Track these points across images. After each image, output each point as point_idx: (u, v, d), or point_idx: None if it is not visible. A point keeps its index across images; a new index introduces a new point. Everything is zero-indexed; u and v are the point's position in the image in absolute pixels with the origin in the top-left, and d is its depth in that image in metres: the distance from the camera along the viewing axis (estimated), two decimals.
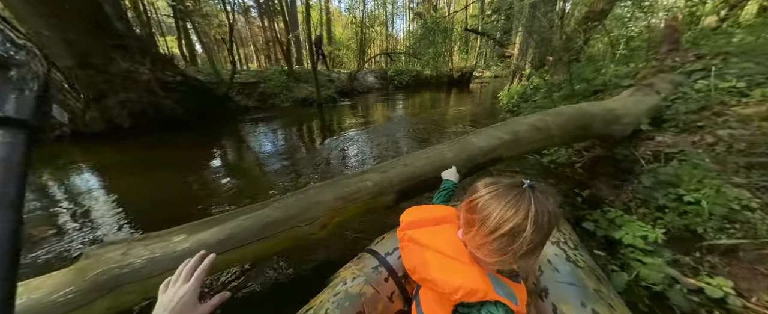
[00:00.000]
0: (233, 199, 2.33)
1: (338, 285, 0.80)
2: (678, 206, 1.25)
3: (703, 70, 2.06)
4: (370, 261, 0.86)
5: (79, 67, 4.00)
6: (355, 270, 0.85)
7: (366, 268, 0.84)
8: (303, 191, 1.12)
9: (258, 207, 1.03)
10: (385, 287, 0.79)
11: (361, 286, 0.78)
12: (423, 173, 1.28)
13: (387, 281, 0.80)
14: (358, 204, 1.15)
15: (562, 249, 0.88)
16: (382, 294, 0.77)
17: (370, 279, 0.80)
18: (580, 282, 0.77)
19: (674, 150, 1.58)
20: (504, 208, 0.44)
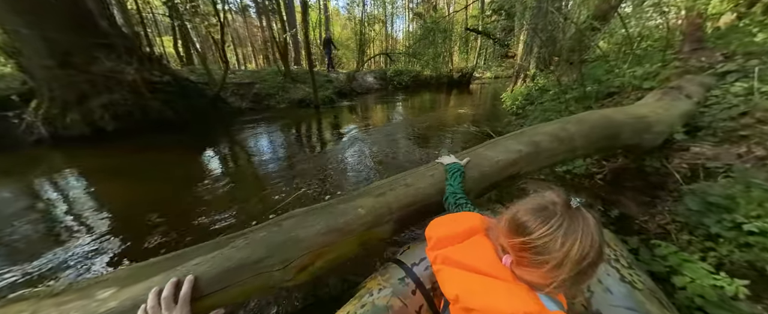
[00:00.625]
0: (221, 206, 2.12)
1: (365, 296, 0.78)
2: (737, 237, 1.03)
3: (738, 72, 1.84)
4: (396, 271, 0.83)
5: (59, 67, 3.77)
6: (381, 280, 0.82)
7: (392, 279, 0.81)
8: (278, 222, 0.89)
9: (217, 246, 0.80)
10: (412, 300, 0.76)
11: (388, 298, 0.75)
12: (427, 196, 1.05)
13: (415, 294, 0.77)
14: (349, 239, 0.91)
15: (615, 267, 0.78)
16: (410, 308, 0.74)
17: (397, 292, 0.77)
18: (640, 307, 0.67)
19: (717, 165, 1.36)
20: (583, 244, 0.39)
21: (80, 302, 0.67)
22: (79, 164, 3.22)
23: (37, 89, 4.01)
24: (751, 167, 1.29)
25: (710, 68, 2.11)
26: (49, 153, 3.65)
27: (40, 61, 3.77)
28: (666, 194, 1.49)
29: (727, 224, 1.06)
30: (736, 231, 1.04)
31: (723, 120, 1.58)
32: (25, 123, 3.95)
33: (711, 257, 1.08)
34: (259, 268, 0.77)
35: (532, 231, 0.42)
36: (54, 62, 3.77)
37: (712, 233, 1.09)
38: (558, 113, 3.24)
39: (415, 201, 1.04)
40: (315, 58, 16.16)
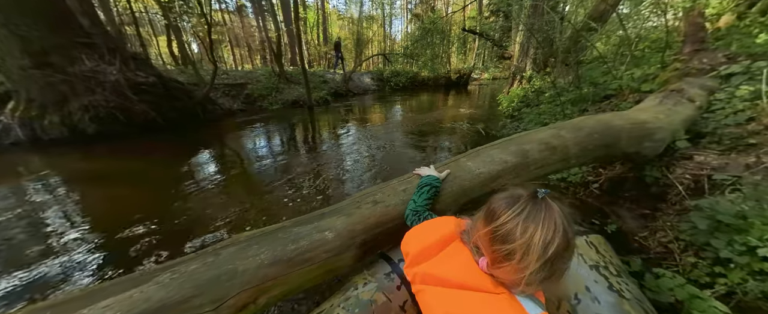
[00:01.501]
0: (201, 212, 1.99)
1: (349, 290, 0.78)
2: (750, 263, 0.91)
3: (744, 74, 1.72)
4: (382, 266, 0.83)
5: (35, 67, 3.62)
6: (367, 275, 0.81)
7: (378, 274, 0.81)
8: (216, 251, 0.75)
9: (138, 281, 0.67)
10: (397, 295, 0.76)
11: (372, 293, 0.75)
12: (399, 214, 0.92)
13: (399, 289, 0.76)
14: (310, 267, 0.78)
15: (603, 274, 0.76)
16: (394, 303, 0.74)
17: (382, 286, 0.77)
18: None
19: (724, 176, 1.24)
20: (543, 230, 0.40)
21: None
22: (55, 167, 3.07)
23: (14, 89, 3.86)
24: (761, 179, 1.16)
25: (712, 70, 2.00)
26: (25, 156, 3.49)
27: (15, 61, 3.62)
28: (668, 207, 1.37)
29: (738, 247, 0.94)
30: (750, 256, 0.91)
31: (728, 126, 1.46)
32: (1, 125, 3.80)
33: (720, 284, 0.95)
34: (183, 310, 0.64)
35: (498, 217, 0.44)
36: (30, 62, 3.62)
37: (722, 257, 0.96)
38: (553, 116, 3.13)
39: (384, 221, 0.90)
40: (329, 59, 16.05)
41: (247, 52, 21.16)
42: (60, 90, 3.82)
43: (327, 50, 18.47)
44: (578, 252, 0.80)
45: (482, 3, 15.35)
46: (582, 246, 0.83)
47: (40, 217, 2.04)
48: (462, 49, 17.84)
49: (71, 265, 1.54)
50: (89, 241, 1.74)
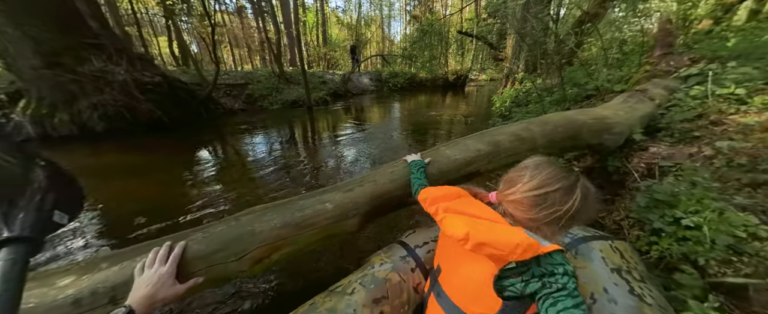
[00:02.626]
0: (206, 204, 2.15)
1: (367, 268, 0.85)
2: (676, 231, 1.10)
3: (699, 75, 1.93)
4: (399, 250, 0.90)
5: (46, 67, 3.78)
6: (383, 257, 0.89)
7: (394, 256, 0.88)
8: (237, 217, 0.93)
9: (177, 238, 0.84)
10: (411, 277, 0.82)
11: (388, 272, 0.81)
12: (388, 190, 1.11)
13: (414, 272, 0.83)
14: (314, 231, 0.96)
15: (625, 278, 0.76)
16: (408, 284, 0.80)
17: (397, 267, 0.83)
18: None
19: (670, 163, 1.43)
20: (556, 171, 0.54)
21: (40, 290, 0.71)
22: (66, 162, 3.23)
23: (25, 88, 4.02)
24: (699, 166, 1.36)
25: (676, 72, 2.20)
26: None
27: (27, 62, 3.78)
28: (625, 192, 1.56)
29: (668, 219, 1.13)
30: (676, 226, 1.10)
31: (680, 122, 1.66)
32: (12, 122, 3.95)
33: (654, 251, 1.14)
34: (213, 260, 0.82)
35: (509, 171, 0.61)
36: (41, 63, 3.78)
37: (656, 228, 1.15)
38: (537, 115, 3.32)
39: (381, 196, 1.09)
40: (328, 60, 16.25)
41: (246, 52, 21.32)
42: (69, 89, 3.98)
43: (326, 51, 18.69)
44: (600, 255, 0.81)
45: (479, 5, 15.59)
46: (605, 250, 0.83)
47: None
48: (459, 50, 18.07)
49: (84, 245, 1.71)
50: (101, 227, 1.91)
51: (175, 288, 0.61)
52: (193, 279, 0.68)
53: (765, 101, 1.55)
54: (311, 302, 0.81)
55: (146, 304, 0.56)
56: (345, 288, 0.80)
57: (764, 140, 1.33)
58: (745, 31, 3.22)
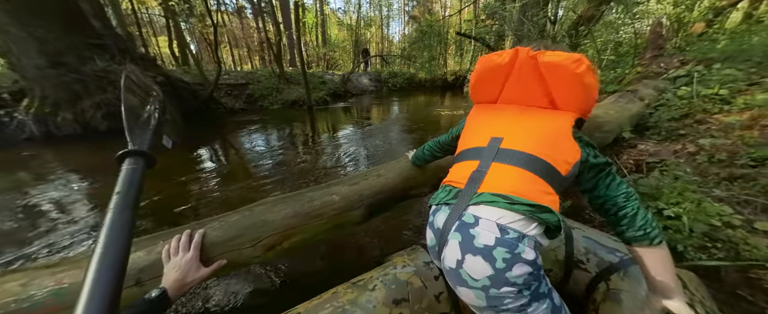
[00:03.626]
0: (208, 200, 2.21)
1: (389, 268, 0.84)
2: (658, 221, 1.18)
3: (686, 77, 2.02)
4: (422, 255, 0.88)
5: (50, 67, 3.83)
6: (406, 258, 0.87)
7: (417, 260, 0.86)
8: (250, 208, 1.01)
9: (196, 227, 0.91)
10: (433, 284, 0.79)
11: (410, 275, 0.80)
12: (395, 184, 1.19)
13: (437, 280, 0.81)
14: (321, 221, 1.03)
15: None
16: (430, 291, 0.78)
17: (420, 272, 0.81)
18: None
19: (656, 160, 1.52)
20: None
21: (74, 271, 0.77)
22: (68, 161, 3.28)
23: (29, 87, 4.06)
24: (683, 161, 1.44)
25: (666, 73, 2.29)
26: (40, 151, 3.69)
27: (31, 61, 3.82)
28: None
29: (651, 210, 1.21)
30: (658, 217, 1.18)
31: (667, 120, 1.75)
32: (16, 121, 3.99)
33: None
34: (230, 246, 0.89)
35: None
36: (45, 62, 3.83)
37: None
38: None
39: (385, 189, 1.17)
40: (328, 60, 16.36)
41: (246, 52, 21.33)
42: (73, 88, 4.02)
43: (325, 51, 18.76)
44: None
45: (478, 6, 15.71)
46: None
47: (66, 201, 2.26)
48: (458, 51, 18.19)
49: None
50: None
51: (201, 271, 0.67)
52: (217, 262, 0.75)
53: (747, 101, 1.64)
54: (334, 291, 0.81)
55: (176, 287, 0.62)
56: (366, 283, 0.80)
57: (743, 137, 1.41)
58: (736, 34, 3.33)
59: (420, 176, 1.24)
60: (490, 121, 0.67)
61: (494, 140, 0.60)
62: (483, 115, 0.71)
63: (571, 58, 0.54)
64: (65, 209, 2.15)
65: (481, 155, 0.60)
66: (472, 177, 0.57)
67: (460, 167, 0.64)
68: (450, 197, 0.59)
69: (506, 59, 0.61)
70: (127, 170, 0.54)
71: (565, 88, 0.58)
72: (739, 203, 1.13)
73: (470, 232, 0.51)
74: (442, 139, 0.98)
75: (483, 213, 0.51)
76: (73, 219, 2.00)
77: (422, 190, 1.27)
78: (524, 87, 0.63)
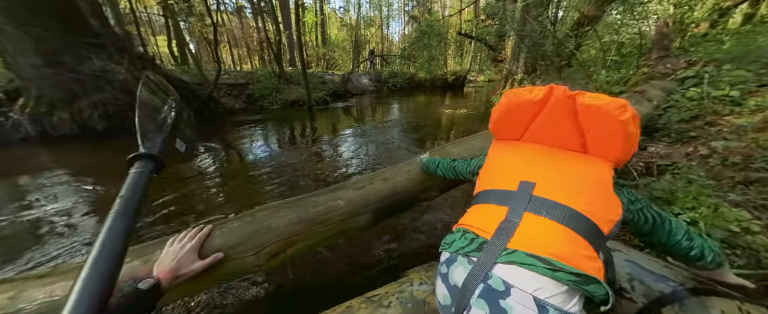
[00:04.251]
0: (208, 205, 2.16)
1: (405, 284, 0.80)
2: None
3: (695, 78, 1.98)
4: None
5: (46, 66, 3.77)
6: (423, 275, 0.83)
7: (435, 278, 0.82)
8: (252, 213, 0.96)
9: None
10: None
11: (427, 295, 0.76)
12: (404, 189, 1.15)
13: None
14: (326, 227, 0.99)
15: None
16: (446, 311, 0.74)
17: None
18: None
19: (667, 162, 1.48)
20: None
21: (66, 283, 0.73)
22: (64, 162, 3.23)
23: (24, 87, 4.00)
24: (695, 164, 1.41)
25: (673, 74, 2.26)
26: (35, 151, 3.63)
27: (27, 60, 3.76)
28: None
29: None
30: None
31: (677, 122, 1.71)
32: (11, 121, 3.93)
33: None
34: (233, 254, 0.84)
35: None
36: (42, 61, 3.77)
37: None
38: None
39: (393, 194, 1.13)
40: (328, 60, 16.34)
41: (245, 52, 21.25)
42: (70, 88, 3.97)
43: (325, 51, 18.70)
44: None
45: (478, 7, 15.69)
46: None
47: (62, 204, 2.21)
48: (458, 51, 18.16)
49: None
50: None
51: (195, 264, 0.65)
52: (213, 256, 0.72)
53: (758, 102, 1.61)
54: (348, 305, 0.78)
55: (170, 277, 0.58)
56: (381, 299, 0.76)
57: (757, 140, 1.38)
58: (740, 35, 3.31)
59: (428, 180, 1.20)
60: (517, 161, 0.60)
61: (524, 184, 0.53)
62: (507, 153, 0.65)
63: (615, 104, 0.49)
64: (59, 214, 2.10)
65: (508, 201, 0.52)
66: (502, 228, 0.48)
67: (482, 211, 0.55)
68: (472, 248, 0.49)
69: (539, 96, 0.56)
70: (134, 174, 0.53)
71: (603, 134, 0.52)
72: (757, 208, 1.10)
73: (501, 305, 0.41)
74: (458, 167, 0.93)
75: (516, 280, 0.42)
76: (67, 224, 1.95)
77: (431, 194, 1.23)
78: (556, 128, 0.57)
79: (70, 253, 1.65)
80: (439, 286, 0.54)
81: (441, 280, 0.53)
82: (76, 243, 1.73)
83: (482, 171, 0.68)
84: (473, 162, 0.86)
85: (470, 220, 0.56)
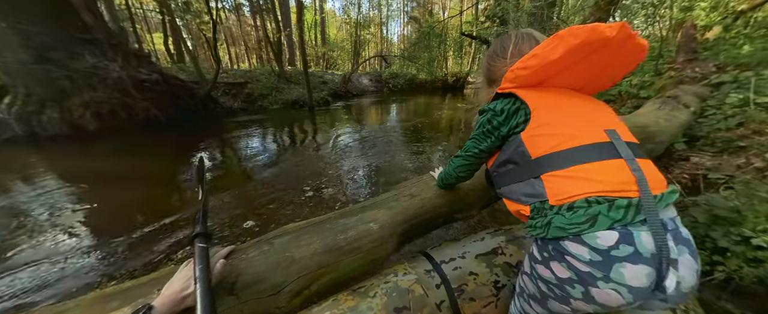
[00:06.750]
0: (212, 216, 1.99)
1: (389, 275, 0.82)
2: (745, 252, 1.01)
3: (733, 83, 1.87)
4: (423, 263, 0.87)
5: (35, 62, 3.56)
6: (407, 266, 0.86)
7: (418, 268, 0.84)
8: (269, 240, 0.80)
9: None
10: (435, 293, 0.78)
11: (411, 283, 0.79)
12: (434, 206, 0.99)
13: (438, 288, 0.79)
14: (358, 256, 0.82)
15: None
16: (431, 299, 0.77)
17: (421, 280, 0.80)
18: None
19: (719, 175, 1.35)
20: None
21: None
22: (52, 164, 3.02)
23: (12, 84, 3.77)
24: (751, 178, 1.28)
25: (704, 79, 2.15)
26: (20, 152, 3.42)
27: (14, 56, 3.54)
28: None
29: (734, 238, 1.04)
30: (744, 245, 1.02)
31: (720, 130, 1.59)
32: None
33: (718, 272, 1.05)
34: (247, 295, 0.68)
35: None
36: (30, 57, 3.55)
37: (720, 247, 1.06)
38: None
39: (422, 212, 0.97)
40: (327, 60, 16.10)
41: (243, 50, 20.97)
42: (60, 86, 3.75)
43: (325, 51, 18.52)
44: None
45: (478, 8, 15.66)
46: None
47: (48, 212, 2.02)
48: (458, 53, 18.12)
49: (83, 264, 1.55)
50: (93, 243, 1.75)
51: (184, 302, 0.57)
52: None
53: None
54: (334, 298, 0.79)
55: (172, 300, 0.52)
56: (367, 290, 0.78)
57: None
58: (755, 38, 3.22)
59: (467, 196, 1.05)
60: (576, 109, 0.57)
61: (612, 133, 0.52)
62: (553, 102, 0.57)
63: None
64: (47, 229, 1.91)
65: (615, 153, 0.49)
66: (639, 179, 0.46)
67: (598, 171, 0.48)
68: (632, 213, 0.44)
69: (614, 33, 0.48)
70: (201, 249, 0.59)
71: (617, 74, 0.60)
72: None
73: (684, 235, 0.45)
74: (482, 146, 0.66)
75: (670, 214, 0.47)
76: (55, 243, 1.76)
77: (470, 213, 1.08)
78: (604, 69, 0.58)
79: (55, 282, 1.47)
80: (631, 270, 0.42)
81: (630, 262, 0.42)
82: (61, 268, 1.55)
83: (539, 129, 0.54)
84: (497, 133, 0.62)
85: (590, 186, 0.47)
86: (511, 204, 0.61)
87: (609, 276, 0.42)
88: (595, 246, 0.43)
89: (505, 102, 0.59)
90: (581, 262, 0.44)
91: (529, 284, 0.57)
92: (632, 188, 0.45)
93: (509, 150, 0.58)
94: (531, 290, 0.56)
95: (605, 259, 0.42)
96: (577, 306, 0.47)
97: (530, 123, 0.55)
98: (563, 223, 0.46)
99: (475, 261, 0.88)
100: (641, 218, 0.43)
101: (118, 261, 1.56)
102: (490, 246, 0.93)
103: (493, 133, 0.62)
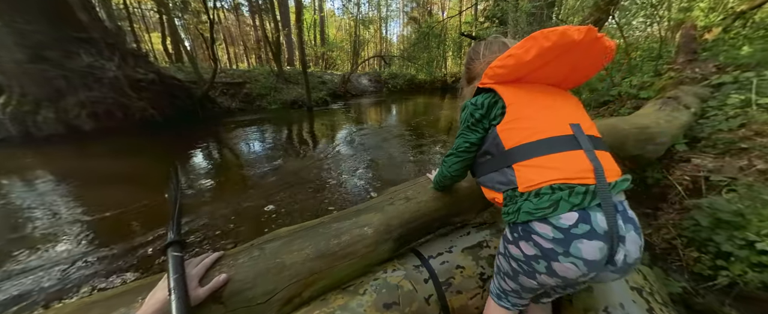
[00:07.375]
0: (202, 214, 1.96)
1: (379, 272, 0.83)
2: (749, 256, 0.99)
3: (735, 83, 1.85)
4: (412, 259, 0.88)
5: (30, 62, 3.52)
6: (396, 263, 0.86)
7: (407, 264, 0.85)
8: (260, 245, 0.77)
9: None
10: (423, 288, 0.79)
11: (400, 279, 0.79)
12: (431, 210, 0.96)
13: (427, 283, 0.80)
14: (352, 261, 0.80)
15: (645, 298, 0.77)
16: (419, 294, 0.78)
17: (410, 276, 0.81)
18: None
19: (721, 177, 1.33)
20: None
21: None
22: (46, 165, 2.99)
23: (6, 83, 3.73)
24: (754, 181, 1.26)
25: (704, 79, 2.13)
26: (15, 152, 3.38)
27: (9, 55, 3.51)
28: (668, 207, 1.46)
29: (738, 242, 1.02)
30: (749, 250, 1.00)
31: (722, 132, 1.57)
32: None
33: (722, 276, 1.03)
34: (236, 302, 0.66)
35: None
36: (25, 56, 3.52)
37: (723, 251, 1.04)
38: None
39: (418, 216, 0.94)
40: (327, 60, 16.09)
41: (241, 50, 20.93)
42: (56, 85, 3.72)
43: (324, 51, 18.49)
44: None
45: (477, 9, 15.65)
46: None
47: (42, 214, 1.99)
48: (458, 53, 18.13)
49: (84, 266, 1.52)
50: (86, 246, 1.71)
51: (196, 291, 0.57)
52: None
53: None
54: (323, 297, 0.78)
55: (155, 310, 0.50)
56: (357, 287, 0.78)
57: None
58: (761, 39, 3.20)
59: (464, 200, 1.03)
60: (545, 104, 0.61)
61: (576, 126, 0.57)
62: (527, 97, 0.62)
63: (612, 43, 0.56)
64: (41, 232, 1.87)
65: (576, 145, 0.54)
66: (596, 168, 0.52)
67: (560, 161, 0.54)
68: (589, 198, 0.49)
69: (582, 36, 0.52)
70: (175, 258, 0.57)
71: (587, 71, 0.64)
72: None
73: (630, 216, 0.51)
74: (471, 139, 0.70)
75: (621, 198, 0.53)
76: (47, 247, 1.73)
77: (466, 217, 1.06)
78: (576, 67, 0.61)
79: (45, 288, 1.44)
80: (587, 245, 0.48)
81: (586, 238, 0.48)
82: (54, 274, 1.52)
83: (511, 123, 0.60)
84: (479, 126, 0.67)
85: (553, 174, 0.53)
86: (488, 192, 0.67)
87: (568, 251, 0.48)
88: (558, 225, 0.49)
89: (484, 96, 0.65)
90: (545, 240, 0.50)
91: (503, 263, 0.63)
92: (590, 175, 0.51)
93: (487, 142, 0.65)
94: (505, 268, 0.62)
95: (566, 237, 0.48)
96: (542, 280, 0.54)
97: (505, 117, 0.61)
98: (531, 208, 0.52)
99: (461, 254, 0.90)
100: (597, 202, 0.49)
101: (110, 264, 1.53)
102: (475, 239, 0.96)
103: (478, 125, 0.67)
